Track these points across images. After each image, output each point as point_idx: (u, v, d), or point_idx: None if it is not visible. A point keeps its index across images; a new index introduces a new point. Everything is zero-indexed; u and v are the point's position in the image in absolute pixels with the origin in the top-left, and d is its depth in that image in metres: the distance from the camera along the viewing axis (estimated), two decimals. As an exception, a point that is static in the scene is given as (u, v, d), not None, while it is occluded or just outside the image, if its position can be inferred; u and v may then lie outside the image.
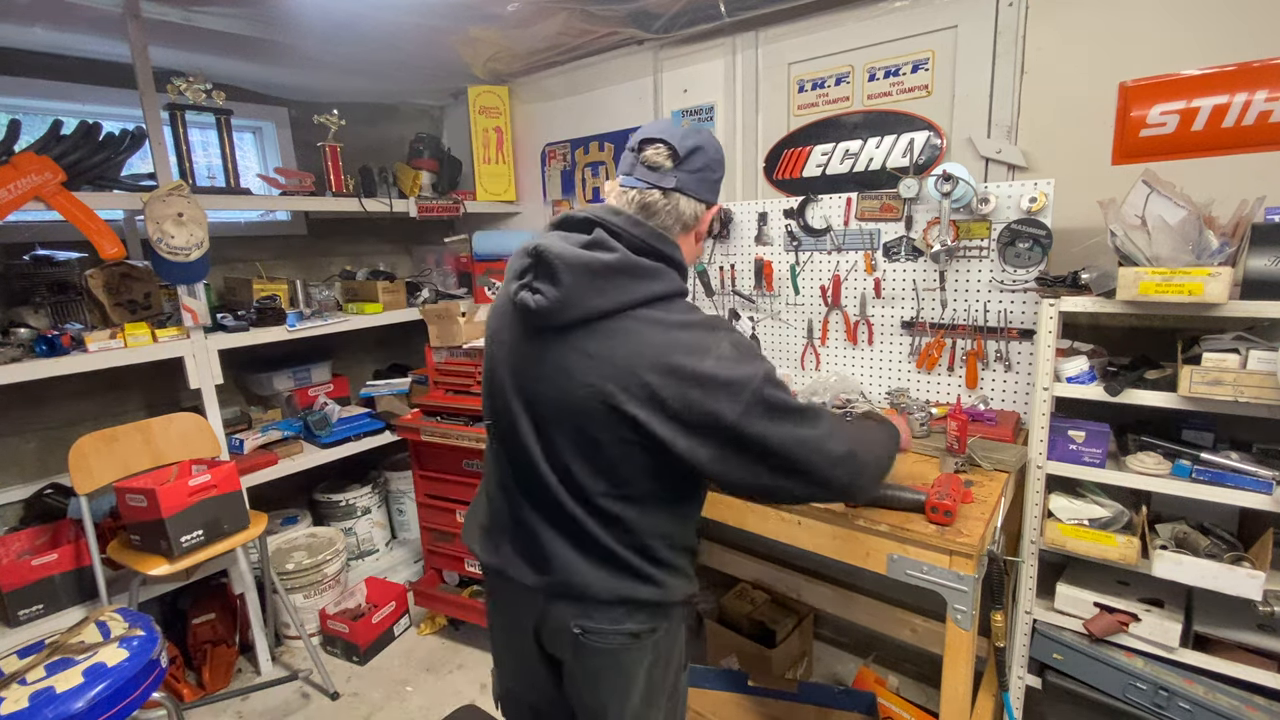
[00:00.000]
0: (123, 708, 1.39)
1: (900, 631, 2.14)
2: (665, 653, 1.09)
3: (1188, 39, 1.50)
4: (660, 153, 0.99)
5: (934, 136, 1.88)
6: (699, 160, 1.00)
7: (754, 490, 0.98)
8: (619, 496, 0.98)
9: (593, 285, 0.90)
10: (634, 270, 0.93)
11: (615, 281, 0.91)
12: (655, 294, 0.93)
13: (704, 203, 1.03)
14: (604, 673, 1.06)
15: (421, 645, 2.52)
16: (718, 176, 1.05)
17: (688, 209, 1.00)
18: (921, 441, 1.63)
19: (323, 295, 2.72)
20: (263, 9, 1.90)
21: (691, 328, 0.93)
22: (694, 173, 0.99)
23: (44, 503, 2.17)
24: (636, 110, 2.55)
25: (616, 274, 0.91)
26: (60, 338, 1.92)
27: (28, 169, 1.78)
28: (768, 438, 0.90)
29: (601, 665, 1.06)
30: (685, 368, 0.89)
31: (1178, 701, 1.41)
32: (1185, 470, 1.38)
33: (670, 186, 0.98)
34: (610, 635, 1.03)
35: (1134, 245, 1.36)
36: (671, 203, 0.99)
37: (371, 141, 3.05)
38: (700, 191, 1.01)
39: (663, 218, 0.99)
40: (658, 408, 0.90)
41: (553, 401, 0.97)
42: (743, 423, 0.89)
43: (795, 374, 2.23)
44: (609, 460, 0.96)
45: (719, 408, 0.88)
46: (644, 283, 0.93)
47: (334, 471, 2.93)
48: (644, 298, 0.93)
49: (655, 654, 1.07)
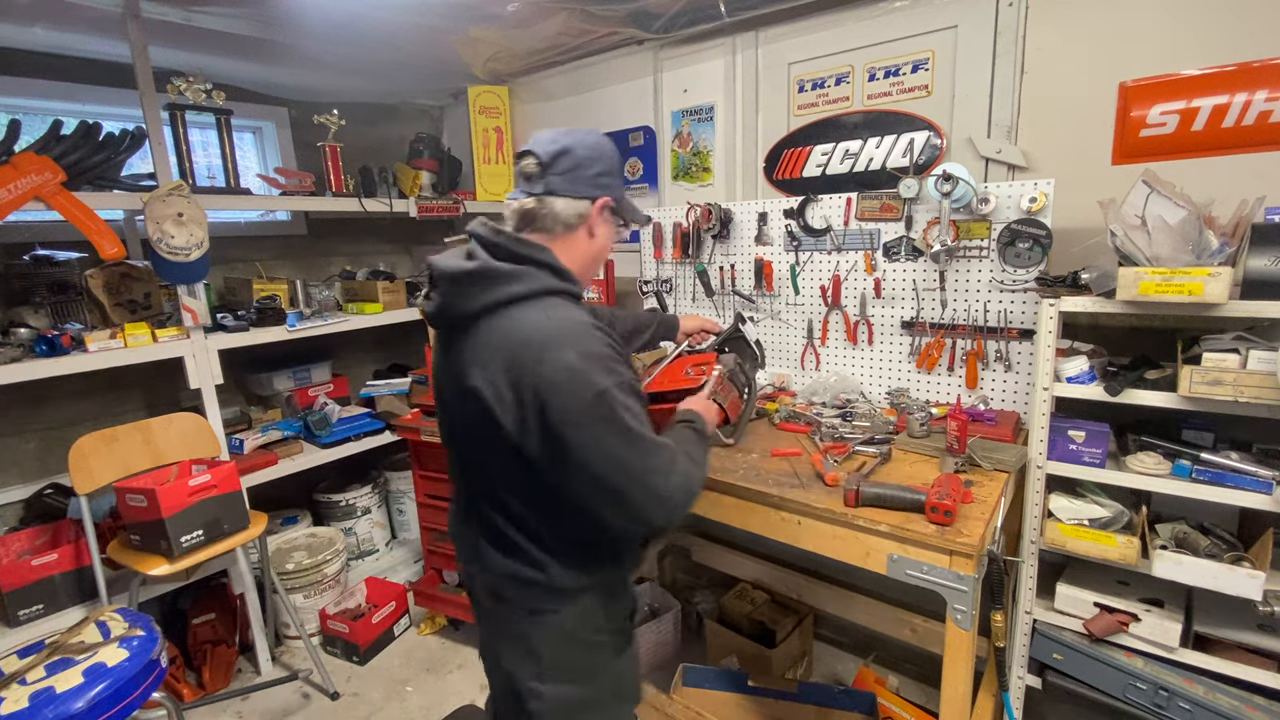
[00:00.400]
0: (123, 708, 1.39)
1: (900, 631, 2.14)
2: (574, 634, 1.13)
3: (1188, 39, 1.51)
4: (529, 164, 1.07)
5: (934, 136, 1.88)
6: (566, 162, 1.06)
7: (584, 505, 1.00)
8: (506, 487, 1.07)
9: (459, 291, 1.02)
10: (492, 275, 1.00)
11: (477, 286, 1.00)
12: (515, 294, 0.99)
13: (584, 199, 1.08)
14: (506, 643, 1.16)
15: (421, 645, 2.52)
16: (596, 170, 1.09)
17: (565, 209, 1.06)
18: (921, 441, 1.63)
19: (323, 295, 2.72)
20: (263, 9, 1.90)
21: (548, 333, 0.96)
22: (563, 174, 1.06)
23: (44, 503, 2.17)
24: (636, 110, 2.55)
25: (476, 279, 1.00)
26: (60, 338, 1.92)
27: (28, 169, 1.79)
28: (587, 451, 0.93)
29: (504, 635, 1.16)
30: (528, 368, 0.94)
31: (1178, 701, 1.41)
32: (1185, 470, 1.38)
33: (540, 192, 1.06)
34: (508, 608, 1.13)
35: (1134, 245, 1.36)
36: (546, 207, 1.06)
37: (371, 141, 3.05)
38: (575, 189, 1.07)
39: (542, 222, 1.07)
40: (506, 404, 0.97)
41: (452, 401, 1.09)
42: (566, 431, 0.93)
43: (795, 374, 2.23)
44: (490, 452, 1.04)
45: (551, 412, 0.93)
46: (502, 285, 1.00)
47: (334, 471, 2.93)
48: (503, 298, 0.99)
49: (560, 634, 1.12)
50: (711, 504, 1.57)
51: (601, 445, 0.93)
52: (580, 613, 1.13)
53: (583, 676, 1.16)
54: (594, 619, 1.14)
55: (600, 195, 1.09)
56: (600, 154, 1.10)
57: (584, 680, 1.16)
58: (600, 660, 1.18)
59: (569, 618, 1.12)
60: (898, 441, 1.66)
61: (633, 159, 2.62)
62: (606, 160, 1.11)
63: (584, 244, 1.11)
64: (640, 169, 2.60)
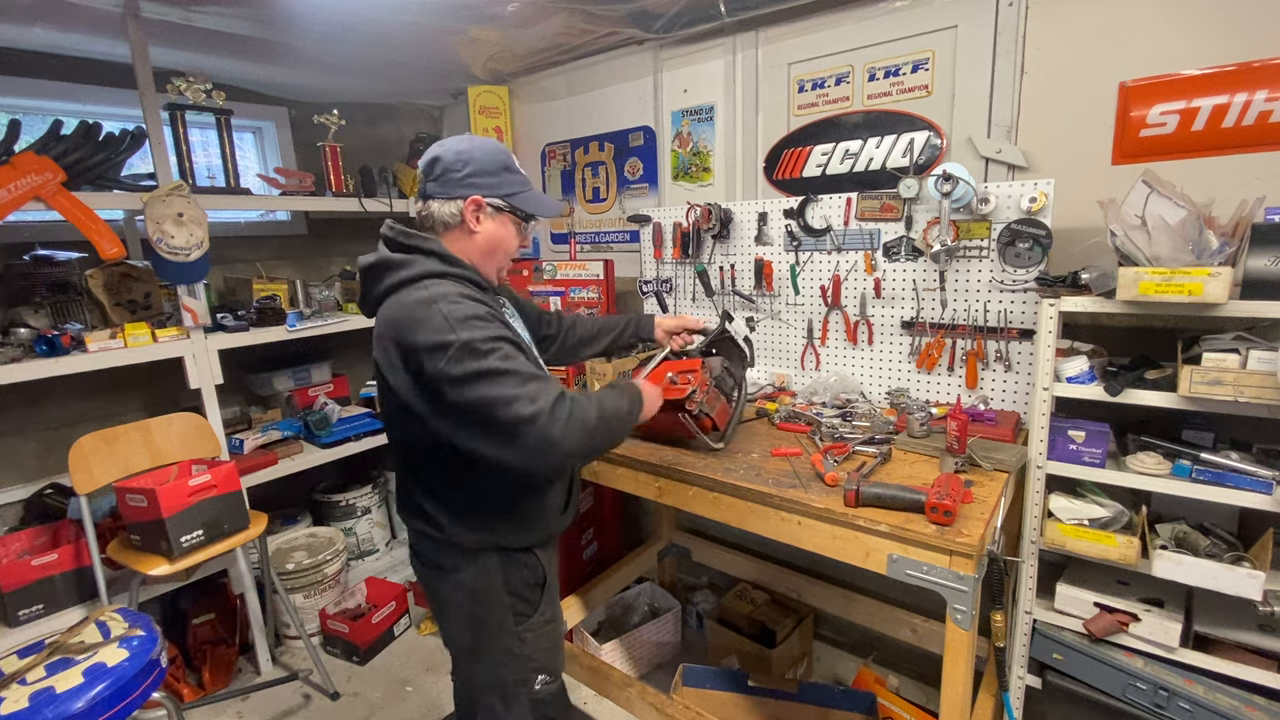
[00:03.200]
0: (123, 708, 1.39)
1: (900, 631, 2.14)
2: (484, 596, 1.28)
3: (1188, 39, 1.50)
4: (418, 174, 1.26)
5: (934, 136, 1.88)
6: (438, 169, 1.21)
7: (471, 451, 1.11)
8: (408, 448, 1.25)
9: (367, 281, 1.21)
10: (386, 264, 1.18)
11: (376, 274, 1.19)
12: (402, 279, 1.15)
13: (454, 199, 1.21)
14: (428, 595, 1.36)
15: (421, 645, 2.52)
16: (465, 173, 1.20)
17: (441, 210, 1.22)
18: (921, 441, 1.63)
19: (323, 295, 2.72)
20: (263, 9, 1.89)
21: (421, 304, 1.10)
22: (435, 179, 1.21)
23: (44, 503, 2.17)
24: (636, 110, 2.55)
25: (376, 269, 1.19)
26: (60, 338, 1.92)
27: (28, 169, 1.79)
28: (462, 397, 1.06)
29: (425, 587, 1.36)
30: (405, 337, 1.09)
31: (1178, 701, 1.41)
32: (1185, 470, 1.38)
33: (421, 196, 1.24)
34: (422, 561, 1.33)
35: (1134, 245, 1.36)
36: (427, 209, 1.23)
37: (371, 141, 3.05)
38: (447, 191, 1.21)
39: (425, 222, 1.24)
40: (398, 371, 1.12)
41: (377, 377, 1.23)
42: (442, 384, 1.06)
43: (795, 374, 2.23)
44: (394, 418, 1.22)
45: (426, 370, 1.07)
46: (393, 271, 1.17)
47: (334, 471, 2.93)
48: (394, 283, 1.16)
49: (469, 592, 1.28)
50: (711, 504, 1.57)
51: (472, 387, 1.05)
52: (479, 572, 1.27)
53: (479, 629, 1.30)
54: (493, 580, 1.27)
55: (469, 194, 1.20)
56: (469, 159, 1.21)
57: (479, 633, 1.30)
58: (497, 619, 1.29)
59: (469, 576, 1.27)
60: (898, 441, 1.66)
61: (633, 159, 2.62)
62: (477, 163, 1.21)
63: (468, 239, 1.23)
64: (640, 169, 2.60)
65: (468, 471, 1.20)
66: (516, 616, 1.30)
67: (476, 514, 1.25)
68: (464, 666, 1.42)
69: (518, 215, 1.27)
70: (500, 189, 1.24)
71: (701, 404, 1.54)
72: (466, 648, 1.33)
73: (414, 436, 1.20)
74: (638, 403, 1.28)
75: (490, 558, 1.26)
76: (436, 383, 1.06)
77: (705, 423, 1.60)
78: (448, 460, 1.20)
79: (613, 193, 2.72)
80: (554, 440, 1.05)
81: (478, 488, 1.23)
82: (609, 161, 2.70)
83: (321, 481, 2.93)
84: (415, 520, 1.29)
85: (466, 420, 1.08)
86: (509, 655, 1.31)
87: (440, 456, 1.20)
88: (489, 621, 1.29)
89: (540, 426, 1.04)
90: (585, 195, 2.81)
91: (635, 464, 1.70)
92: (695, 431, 1.60)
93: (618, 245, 2.73)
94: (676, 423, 1.59)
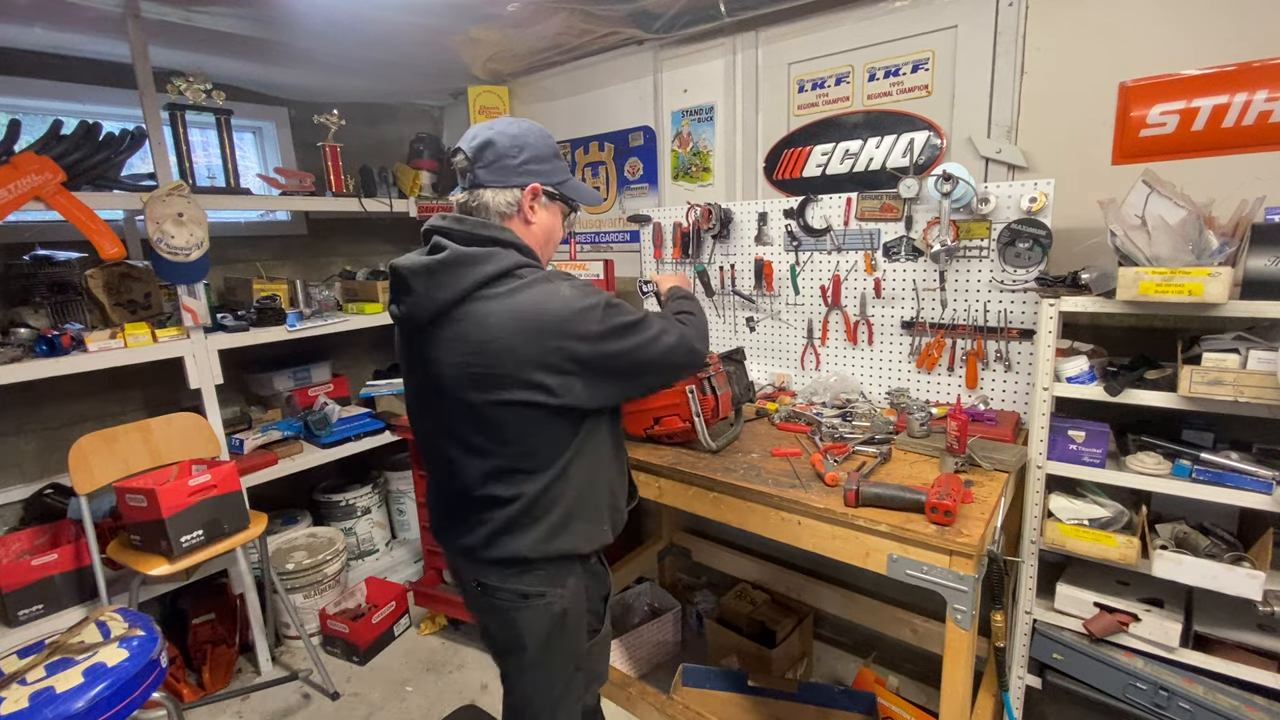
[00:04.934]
0: (123, 708, 1.39)
1: (900, 631, 2.14)
2: (571, 619, 1.23)
3: (1188, 39, 1.50)
4: (460, 160, 1.14)
5: (934, 136, 1.88)
6: (490, 154, 1.11)
7: (628, 398, 1.22)
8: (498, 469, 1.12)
9: (434, 282, 1.06)
10: (463, 259, 1.05)
11: (451, 273, 1.05)
12: (489, 274, 1.05)
13: (513, 187, 1.13)
14: (499, 628, 1.25)
15: (422, 645, 2.52)
16: (522, 159, 1.12)
17: (494, 199, 1.12)
18: (921, 441, 1.63)
19: (323, 295, 2.72)
20: (263, 9, 1.89)
21: (531, 287, 1.05)
22: (487, 166, 1.11)
23: (44, 503, 2.17)
24: (636, 110, 2.55)
25: (450, 267, 1.05)
26: (60, 338, 1.92)
27: (28, 169, 1.78)
28: (622, 354, 1.07)
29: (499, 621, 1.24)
30: (537, 321, 1.02)
31: (1178, 701, 1.41)
32: (1185, 470, 1.38)
33: (469, 185, 1.13)
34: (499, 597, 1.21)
35: (1134, 245, 1.36)
36: (477, 199, 1.12)
37: (371, 141, 3.05)
38: (502, 179, 1.12)
39: (478, 214, 1.13)
40: (529, 367, 1.03)
41: (431, 389, 1.12)
42: (600, 348, 1.05)
43: (795, 374, 2.23)
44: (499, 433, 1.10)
45: (575, 345, 1.03)
46: (476, 267, 1.05)
47: (334, 471, 2.93)
48: (480, 279, 1.05)
49: (555, 616, 1.21)
50: (711, 504, 1.57)
51: (630, 335, 1.08)
52: (569, 594, 1.21)
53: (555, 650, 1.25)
54: (579, 600, 1.23)
55: (527, 183, 1.13)
56: (524, 143, 1.13)
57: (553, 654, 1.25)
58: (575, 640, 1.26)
59: (558, 598, 1.20)
60: (898, 441, 1.66)
61: (633, 159, 2.62)
62: (532, 148, 1.14)
63: (525, 229, 1.16)
64: (640, 169, 2.60)
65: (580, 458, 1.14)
66: (590, 633, 1.27)
67: (567, 517, 1.15)
68: (523, 686, 1.28)
69: (569, 204, 1.23)
70: (553, 176, 1.17)
71: (712, 377, 1.58)
72: (529, 667, 1.22)
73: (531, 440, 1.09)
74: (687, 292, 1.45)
75: (576, 576, 1.20)
76: (597, 344, 1.05)
77: (709, 401, 1.62)
78: (563, 453, 1.12)
79: (613, 193, 2.72)
80: (694, 347, 1.20)
81: (584, 478, 1.16)
82: (609, 161, 2.70)
83: (321, 481, 2.93)
84: (508, 545, 1.14)
85: (629, 369, 1.11)
86: (576, 671, 1.26)
87: (557, 451, 1.12)
88: (567, 642, 1.22)
89: (685, 346, 1.17)
90: (585, 195, 2.81)
91: (635, 464, 1.70)
92: (697, 411, 1.60)
93: (618, 245, 2.74)
94: (679, 402, 1.62)
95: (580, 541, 1.17)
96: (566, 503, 1.14)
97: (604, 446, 1.20)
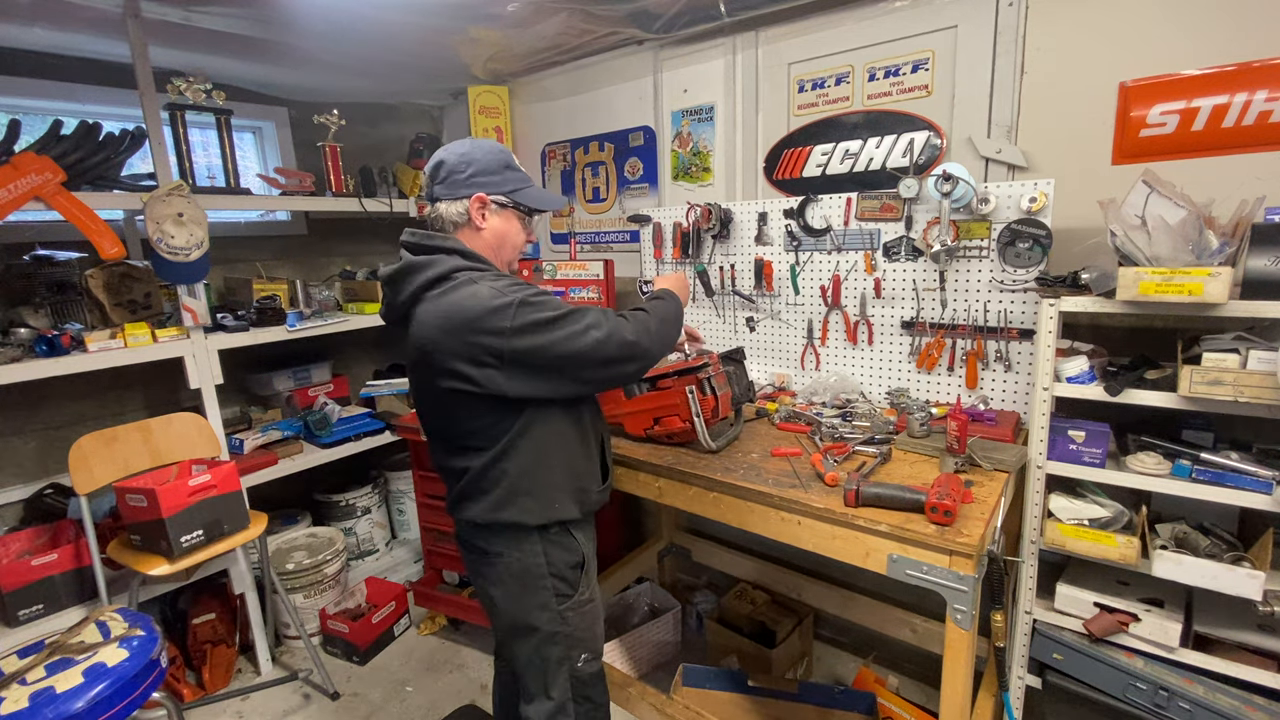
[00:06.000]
0: (123, 708, 1.39)
1: (900, 631, 2.14)
2: (529, 578, 1.34)
3: (1188, 39, 1.50)
4: (424, 180, 1.31)
5: (934, 136, 1.88)
6: (442, 172, 1.27)
7: (569, 393, 1.23)
8: (459, 437, 1.28)
9: (394, 289, 1.25)
10: (412, 267, 1.22)
11: (404, 280, 1.23)
12: (430, 278, 1.20)
13: (460, 198, 1.26)
14: (474, 580, 1.44)
15: (422, 645, 2.52)
16: (469, 173, 1.26)
17: (447, 210, 1.27)
18: (921, 441, 1.63)
19: (323, 295, 2.73)
20: (263, 9, 1.89)
21: (458, 289, 1.17)
22: (440, 182, 1.27)
23: (44, 503, 2.17)
24: (636, 110, 2.55)
25: (404, 274, 1.23)
26: (60, 338, 1.92)
27: (28, 169, 1.79)
28: (537, 349, 1.14)
29: (472, 573, 1.43)
30: (455, 319, 1.14)
31: (1178, 701, 1.41)
32: (1185, 470, 1.38)
33: (429, 200, 1.30)
34: (469, 549, 1.40)
35: (1134, 245, 1.36)
36: (435, 211, 1.29)
37: (371, 141, 3.05)
38: (452, 192, 1.27)
39: (436, 224, 1.30)
40: (460, 359, 1.15)
41: (412, 381, 1.34)
42: (513, 343, 1.13)
43: (795, 374, 2.23)
44: (448, 412, 1.26)
45: (489, 340, 1.13)
46: (420, 273, 1.21)
47: (334, 471, 2.92)
48: (423, 283, 1.20)
49: (515, 575, 1.34)
50: (711, 504, 1.57)
51: (545, 331, 1.14)
52: (524, 554, 1.33)
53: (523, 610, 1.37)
54: (537, 560, 1.34)
55: (472, 193, 1.26)
56: (471, 159, 1.27)
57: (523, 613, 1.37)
58: (540, 600, 1.37)
59: (514, 559, 1.33)
60: (898, 441, 1.66)
61: (632, 159, 2.62)
62: (479, 163, 1.27)
63: (476, 235, 1.29)
64: (640, 169, 2.60)
65: (522, 440, 1.25)
66: (559, 597, 1.35)
67: (511, 492, 1.28)
68: (508, 647, 1.45)
69: (521, 210, 1.33)
70: (503, 186, 1.30)
71: (711, 377, 1.59)
72: (510, 628, 1.38)
73: (469, 423, 1.24)
74: (674, 293, 1.44)
75: (533, 543, 1.31)
76: (509, 339, 1.12)
77: (709, 402, 1.62)
78: (502, 436, 1.24)
79: (613, 193, 2.72)
80: (627, 339, 1.20)
81: (528, 460, 1.27)
82: (609, 161, 2.70)
83: (321, 481, 2.93)
84: (465, 510, 1.32)
85: (549, 364, 1.16)
86: (552, 634, 1.35)
87: (496, 434, 1.24)
88: (533, 602, 1.34)
89: (617, 340, 1.18)
90: (585, 195, 2.81)
91: (635, 464, 1.70)
92: (697, 412, 1.61)
93: (618, 245, 2.74)
94: (678, 402, 1.62)
95: (527, 515, 1.28)
96: (510, 479, 1.26)
97: (558, 433, 1.29)
